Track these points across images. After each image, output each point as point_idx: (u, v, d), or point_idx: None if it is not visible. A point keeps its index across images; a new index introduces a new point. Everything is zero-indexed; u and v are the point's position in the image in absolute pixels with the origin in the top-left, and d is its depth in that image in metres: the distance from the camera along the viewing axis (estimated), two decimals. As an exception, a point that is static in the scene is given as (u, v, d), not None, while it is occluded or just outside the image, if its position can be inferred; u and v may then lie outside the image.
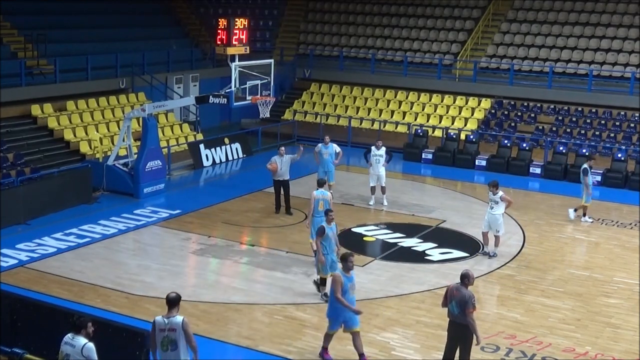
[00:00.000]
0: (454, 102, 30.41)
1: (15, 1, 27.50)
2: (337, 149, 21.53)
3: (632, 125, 27.37)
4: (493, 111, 29.79)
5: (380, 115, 30.60)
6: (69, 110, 25.61)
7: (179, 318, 9.69)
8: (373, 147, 21.14)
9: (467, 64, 31.80)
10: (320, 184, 16.80)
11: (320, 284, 14.66)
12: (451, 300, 11.28)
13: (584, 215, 20.36)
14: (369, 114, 30.80)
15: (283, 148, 20.56)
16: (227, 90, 20.60)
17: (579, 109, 28.67)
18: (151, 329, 9.83)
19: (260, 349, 12.62)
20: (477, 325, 11.26)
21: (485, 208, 18.58)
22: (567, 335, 13.40)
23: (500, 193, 17.07)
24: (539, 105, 29.39)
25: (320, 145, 21.61)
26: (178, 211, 20.29)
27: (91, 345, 9.20)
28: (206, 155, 25.91)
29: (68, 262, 16.33)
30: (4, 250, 16.66)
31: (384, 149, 21.08)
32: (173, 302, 9.73)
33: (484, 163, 26.24)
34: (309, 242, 16.65)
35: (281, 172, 20.05)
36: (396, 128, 29.81)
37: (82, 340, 9.22)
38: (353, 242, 18.27)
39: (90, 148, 24.07)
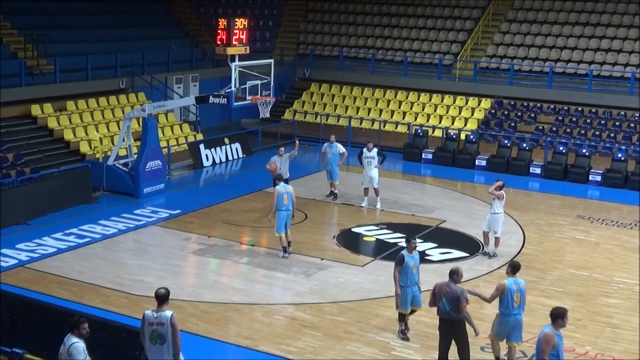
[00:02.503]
0: (454, 102, 30.41)
1: (15, 1, 27.50)
2: (342, 149, 21.51)
3: (632, 125, 27.36)
4: (493, 111, 29.79)
5: (380, 115, 30.59)
6: (69, 110, 25.61)
7: (168, 313, 9.79)
8: (364, 149, 21.03)
9: (467, 64, 31.79)
10: (279, 178, 17.19)
11: (399, 319, 13.22)
12: (441, 298, 11.36)
13: None
14: (369, 114, 30.79)
15: (282, 148, 20.57)
16: (227, 90, 20.59)
17: (579, 109, 28.67)
18: (141, 323, 9.93)
19: (260, 349, 12.62)
20: (478, 325, 11.30)
21: (485, 208, 18.62)
22: (567, 335, 13.31)
23: (499, 193, 17.02)
24: (539, 105, 29.38)
25: (325, 145, 21.67)
26: (178, 211, 20.29)
27: (79, 345, 9.21)
28: (206, 155, 25.91)
29: (68, 262, 16.33)
30: (4, 250, 16.66)
31: (375, 150, 20.92)
32: (162, 298, 9.83)
33: (484, 163, 26.23)
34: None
35: (281, 171, 20.04)
36: (396, 128, 29.80)
37: (72, 339, 9.26)
38: (353, 242, 18.30)
39: (90, 148, 24.07)
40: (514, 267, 11.86)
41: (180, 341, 9.88)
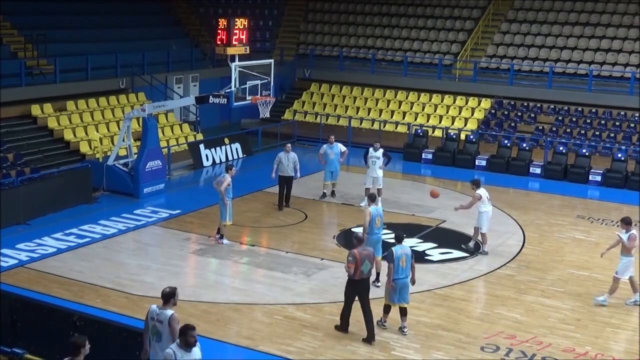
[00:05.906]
0: (454, 102, 30.40)
1: (15, 1, 27.49)
2: (343, 148, 21.58)
3: (632, 125, 27.36)
4: (493, 111, 29.79)
5: (380, 115, 30.59)
6: (69, 110, 25.60)
7: (168, 312, 9.70)
8: (371, 149, 21.06)
9: (467, 64, 31.79)
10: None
11: (384, 311, 13.29)
12: (363, 261, 12.55)
13: None
14: (369, 114, 30.79)
15: (289, 145, 20.56)
16: (227, 90, 20.58)
17: (579, 109, 28.67)
18: (146, 316, 9.90)
19: (260, 349, 12.62)
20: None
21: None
22: (567, 335, 13.40)
23: (476, 192, 17.42)
24: (539, 105, 29.38)
25: (325, 146, 21.65)
26: (178, 211, 20.28)
27: (168, 352, 9.06)
28: (206, 155, 25.90)
29: (68, 262, 16.32)
30: (4, 250, 16.65)
31: (381, 150, 20.88)
32: (166, 296, 9.78)
33: (484, 163, 26.23)
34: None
35: (287, 168, 20.14)
36: (396, 128, 29.80)
37: (173, 346, 9.10)
38: (353, 242, 18.24)
39: (90, 148, 24.06)
40: (372, 198, 15.86)
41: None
